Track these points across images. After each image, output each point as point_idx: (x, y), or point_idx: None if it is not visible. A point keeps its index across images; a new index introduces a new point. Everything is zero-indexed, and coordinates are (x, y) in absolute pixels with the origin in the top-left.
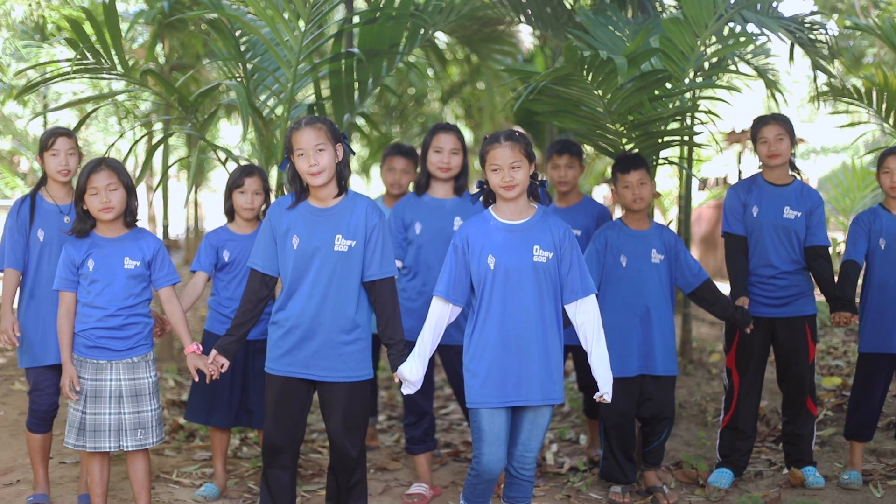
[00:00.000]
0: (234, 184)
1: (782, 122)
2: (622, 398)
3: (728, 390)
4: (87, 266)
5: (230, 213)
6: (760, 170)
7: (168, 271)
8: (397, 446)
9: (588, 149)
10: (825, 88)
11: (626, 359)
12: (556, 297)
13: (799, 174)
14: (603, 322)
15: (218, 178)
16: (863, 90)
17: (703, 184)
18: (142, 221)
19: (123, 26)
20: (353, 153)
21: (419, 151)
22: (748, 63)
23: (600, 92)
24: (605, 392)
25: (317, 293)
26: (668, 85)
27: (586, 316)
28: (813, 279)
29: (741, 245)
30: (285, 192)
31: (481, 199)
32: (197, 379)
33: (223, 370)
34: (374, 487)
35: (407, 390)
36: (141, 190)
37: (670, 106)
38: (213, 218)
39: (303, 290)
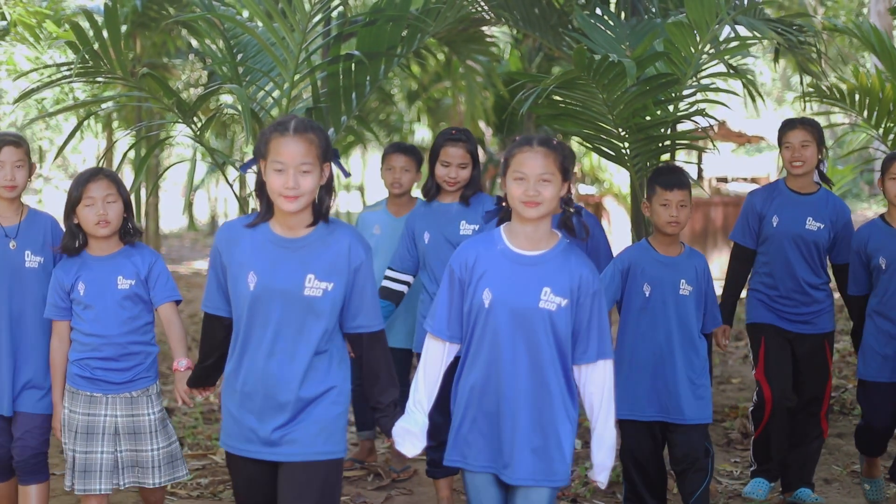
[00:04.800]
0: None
1: (810, 127)
2: (635, 441)
3: (758, 402)
4: (77, 290)
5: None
6: (784, 176)
7: (165, 287)
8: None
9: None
10: (810, 90)
11: (640, 400)
12: (565, 355)
13: (828, 184)
14: (616, 358)
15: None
16: (846, 92)
17: None
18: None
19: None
20: (349, 175)
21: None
22: (728, 64)
23: (604, 96)
24: (598, 480)
25: (280, 350)
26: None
27: (595, 385)
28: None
29: (746, 256)
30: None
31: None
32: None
33: (202, 397)
34: (375, 497)
35: (410, 452)
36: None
37: (670, 109)
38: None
39: (262, 346)
